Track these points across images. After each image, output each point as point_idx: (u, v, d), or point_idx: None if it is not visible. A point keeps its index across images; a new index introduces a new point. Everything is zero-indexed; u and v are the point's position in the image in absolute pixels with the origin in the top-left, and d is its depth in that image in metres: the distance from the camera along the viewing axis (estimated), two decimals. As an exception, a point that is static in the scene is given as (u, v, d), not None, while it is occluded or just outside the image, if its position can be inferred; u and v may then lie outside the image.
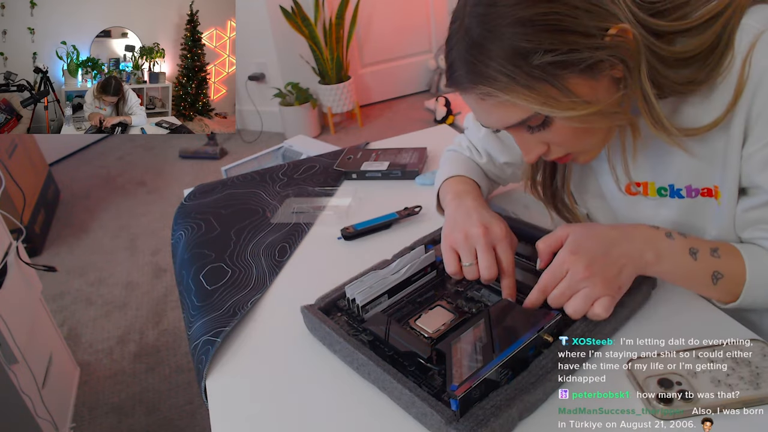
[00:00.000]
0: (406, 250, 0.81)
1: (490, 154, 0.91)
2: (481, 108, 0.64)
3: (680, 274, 0.65)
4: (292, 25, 3.12)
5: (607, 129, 0.65)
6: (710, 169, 0.67)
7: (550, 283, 0.64)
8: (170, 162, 3.35)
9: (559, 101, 0.58)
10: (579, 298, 0.62)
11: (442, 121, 3.24)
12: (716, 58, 0.60)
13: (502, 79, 0.58)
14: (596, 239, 0.64)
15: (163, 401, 1.69)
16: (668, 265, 0.64)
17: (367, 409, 0.61)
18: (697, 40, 0.59)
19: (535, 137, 0.65)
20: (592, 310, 0.62)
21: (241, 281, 0.86)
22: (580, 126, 0.62)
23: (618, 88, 0.61)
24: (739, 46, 0.59)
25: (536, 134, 0.65)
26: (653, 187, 0.73)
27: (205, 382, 0.69)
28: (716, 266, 0.64)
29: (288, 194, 1.11)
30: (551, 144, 0.67)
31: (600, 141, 0.67)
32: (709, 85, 0.61)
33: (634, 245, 0.64)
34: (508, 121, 0.63)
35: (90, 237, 2.66)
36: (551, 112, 0.59)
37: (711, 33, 0.59)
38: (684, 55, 0.60)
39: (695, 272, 0.65)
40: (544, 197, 0.84)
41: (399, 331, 0.64)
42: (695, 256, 0.64)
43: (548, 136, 0.65)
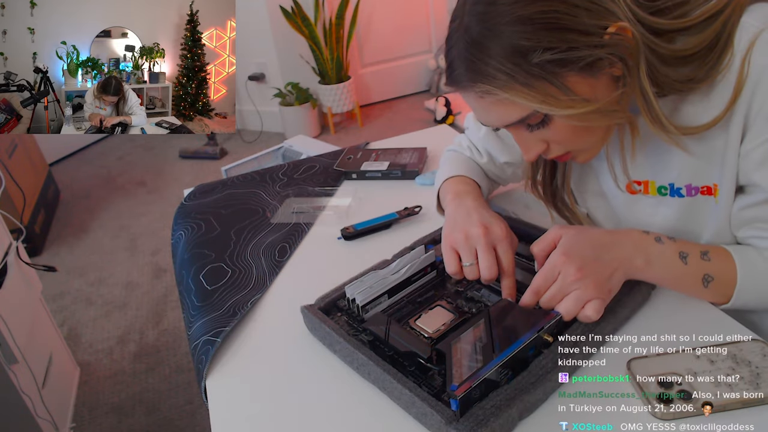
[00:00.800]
0: (406, 250, 0.81)
1: (491, 153, 0.91)
2: (480, 106, 0.64)
3: (671, 278, 0.66)
4: (292, 25, 3.12)
5: (606, 127, 0.66)
6: (710, 167, 0.67)
7: (542, 285, 0.64)
8: (170, 162, 3.35)
9: (558, 99, 0.59)
10: (570, 300, 0.62)
11: (442, 121, 3.24)
12: (715, 57, 0.60)
13: (501, 77, 0.58)
14: (588, 243, 0.65)
15: (163, 401, 1.69)
16: (658, 270, 0.65)
17: (367, 409, 0.61)
18: (697, 38, 0.59)
19: (535, 135, 0.65)
20: (583, 312, 0.62)
21: (241, 281, 0.86)
22: (579, 124, 0.62)
23: (617, 86, 0.61)
24: (738, 45, 0.59)
25: (536, 132, 0.65)
26: (653, 186, 0.73)
27: (205, 382, 0.69)
28: (706, 269, 0.65)
29: (288, 194, 1.11)
30: (551, 142, 0.67)
31: (599, 140, 0.67)
32: (708, 83, 0.61)
33: (624, 250, 0.65)
34: (508, 120, 0.63)
35: (90, 237, 2.66)
36: (550, 110, 0.59)
37: (711, 31, 0.59)
38: (683, 53, 0.60)
39: (685, 276, 0.65)
40: (544, 196, 0.84)
41: (399, 331, 0.64)
42: (685, 260, 0.65)
43: (547, 135, 0.65)
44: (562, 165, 0.81)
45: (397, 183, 1.12)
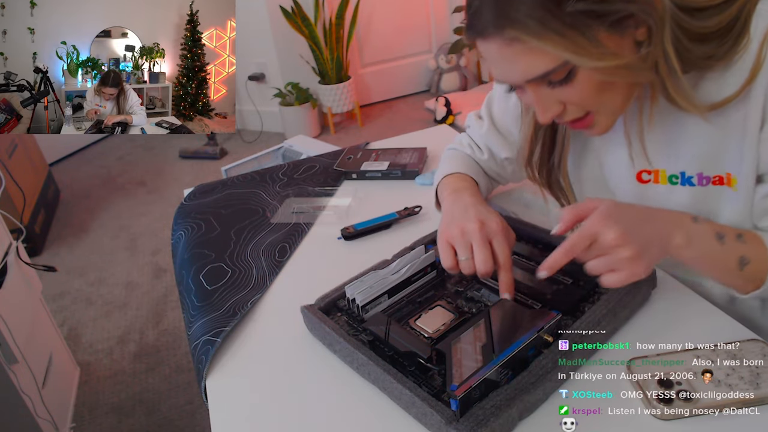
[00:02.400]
0: (406, 250, 0.81)
1: (492, 150, 0.91)
2: (504, 57, 0.62)
3: (708, 259, 0.64)
4: (292, 25, 3.12)
5: (627, 89, 0.64)
6: (724, 155, 0.66)
7: (578, 244, 0.60)
8: (170, 162, 3.35)
9: (588, 50, 0.57)
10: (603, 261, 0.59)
11: (442, 121, 3.24)
12: (733, 38, 0.60)
13: (533, 23, 0.57)
14: (630, 213, 0.62)
15: (163, 401, 1.69)
16: (697, 250, 0.63)
17: (367, 409, 0.61)
18: (715, 19, 0.60)
19: (554, 94, 0.64)
20: (610, 276, 0.59)
21: (241, 281, 0.86)
22: (605, 79, 0.61)
23: (640, 51, 0.60)
24: (755, 31, 0.60)
25: (556, 90, 0.63)
26: (664, 175, 0.72)
27: (205, 382, 0.69)
28: (742, 251, 0.63)
29: (288, 194, 1.11)
30: (569, 104, 0.65)
31: (619, 104, 0.66)
32: (725, 62, 0.62)
33: (665, 227, 0.62)
34: (532, 72, 0.61)
35: (90, 237, 2.66)
36: (580, 61, 0.58)
37: (727, 14, 0.60)
38: (705, 30, 0.60)
39: (723, 257, 0.63)
40: (538, 176, 0.82)
41: (399, 331, 0.64)
42: (722, 240, 0.63)
43: (568, 94, 0.63)
44: (559, 144, 0.79)
45: (397, 183, 1.12)
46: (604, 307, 0.64)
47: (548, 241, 0.79)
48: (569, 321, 0.65)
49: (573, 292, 0.69)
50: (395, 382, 0.58)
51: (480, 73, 3.75)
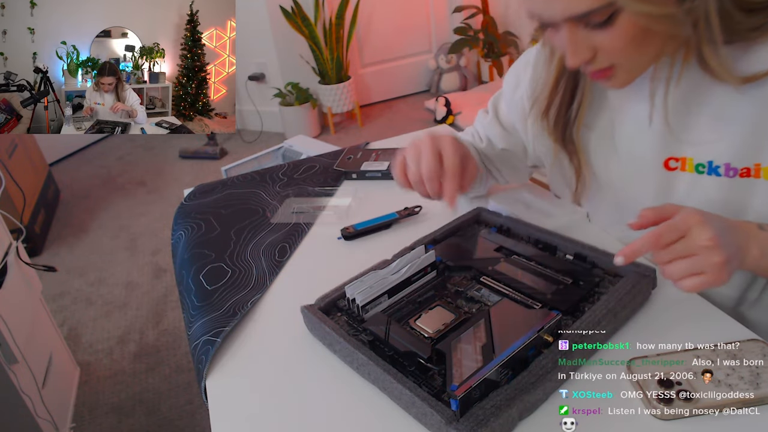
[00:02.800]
0: (406, 250, 0.81)
1: (491, 139, 0.92)
2: None
3: None
4: (292, 25, 3.12)
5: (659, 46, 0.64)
6: (755, 145, 0.65)
7: (667, 235, 0.57)
8: (170, 162, 3.35)
9: None
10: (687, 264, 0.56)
11: (442, 121, 3.24)
12: None
13: None
14: (717, 219, 0.60)
15: (163, 401, 1.69)
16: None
17: (367, 409, 0.61)
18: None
19: (588, 38, 0.63)
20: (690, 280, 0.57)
21: (241, 281, 0.86)
22: (645, 26, 0.60)
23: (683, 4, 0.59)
24: None
25: (591, 34, 0.62)
26: (691, 163, 0.71)
27: (205, 382, 0.69)
28: None
29: (288, 194, 1.11)
30: (600, 51, 0.64)
31: (645, 61, 0.65)
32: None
33: (742, 238, 0.60)
34: (575, 9, 0.60)
35: (90, 237, 2.66)
36: (625, 2, 0.57)
37: None
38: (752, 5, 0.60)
39: None
40: (554, 128, 0.80)
41: (399, 331, 0.64)
42: None
43: (602, 40, 0.62)
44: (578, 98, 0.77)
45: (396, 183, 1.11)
46: (604, 307, 0.64)
47: (548, 241, 0.80)
48: (569, 321, 0.65)
49: (573, 292, 0.69)
50: (395, 382, 0.58)
51: (480, 73, 3.75)
